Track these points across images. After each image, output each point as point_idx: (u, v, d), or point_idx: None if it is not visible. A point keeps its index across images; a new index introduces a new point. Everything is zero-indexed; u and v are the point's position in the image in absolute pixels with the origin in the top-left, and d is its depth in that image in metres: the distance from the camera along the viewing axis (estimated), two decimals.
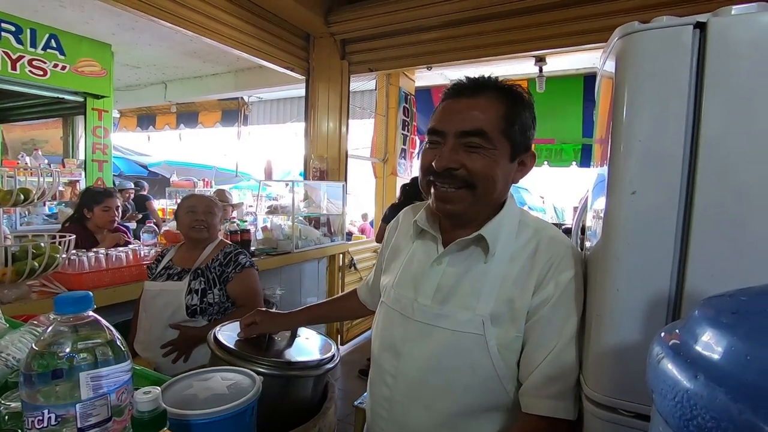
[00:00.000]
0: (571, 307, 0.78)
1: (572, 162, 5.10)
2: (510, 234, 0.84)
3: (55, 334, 0.50)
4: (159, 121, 7.13)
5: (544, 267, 0.80)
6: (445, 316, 0.82)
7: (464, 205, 0.82)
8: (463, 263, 0.85)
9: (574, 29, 3.09)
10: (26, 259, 1.68)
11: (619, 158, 0.66)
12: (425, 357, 0.83)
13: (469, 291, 0.82)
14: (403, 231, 1.02)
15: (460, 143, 0.80)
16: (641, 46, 0.65)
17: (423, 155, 0.87)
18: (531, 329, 0.79)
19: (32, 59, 4.03)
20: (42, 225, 4.35)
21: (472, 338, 0.79)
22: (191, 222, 1.80)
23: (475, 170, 0.79)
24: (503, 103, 0.82)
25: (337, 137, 3.94)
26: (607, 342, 0.67)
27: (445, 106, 0.85)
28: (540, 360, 0.77)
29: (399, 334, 0.88)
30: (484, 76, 0.86)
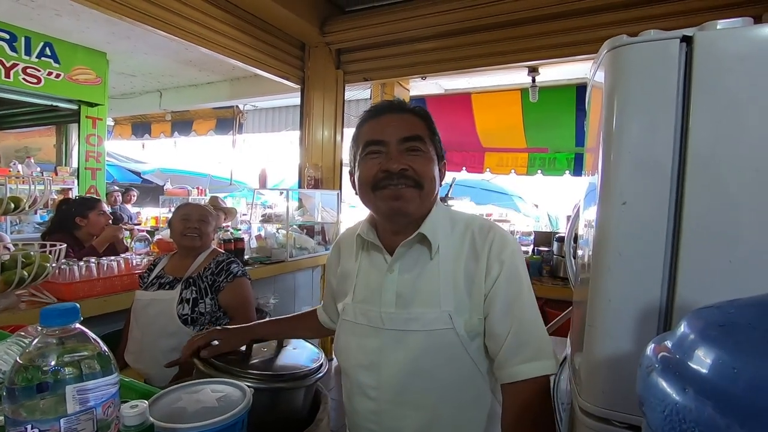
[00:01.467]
0: (519, 277, 0.85)
1: (565, 171, 5.13)
2: (445, 230, 0.91)
3: (41, 346, 0.49)
4: (154, 129, 7.11)
5: (485, 253, 0.86)
6: (415, 319, 0.86)
7: (414, 203, 0.87)
8: (414, 267, 0.90)
9: (564, 41, 3.14)
10: (15, 268, 1.66)
11: (609, 168, 0.66)
12: (404, 362, 0.86)
13: (428, 290, 0.87)
14: (346, 253, 1.06)
15: (403, 148, 0.88)
16: (630, 58, 0.66)
17: (365, 165, 0.91)
18: (489, 308, 0.84)
19: (26, 67, 4.02)
20: (33, 233, 4.30)
21: (444, 333, 0.84)
22: (184, 229, 1.79)
23: (420, 170, 0.87)
24: (422, 119, 0.93)
25: (331, 146, 3.95)
26: (599, 353, 0.66)
27: (376, 122, 0.92)
28: (506, 333, 0.81)
29: (373, 346, 0.90)
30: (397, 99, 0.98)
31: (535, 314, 0.83)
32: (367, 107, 3.85)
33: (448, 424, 0.87)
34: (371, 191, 0.90)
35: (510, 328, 0.81)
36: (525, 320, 0.82)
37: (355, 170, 0.96)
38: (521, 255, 0.89)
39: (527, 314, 0.83)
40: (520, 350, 0.79)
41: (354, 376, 0.94)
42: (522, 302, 0.83)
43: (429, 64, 3.60)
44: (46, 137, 6.17)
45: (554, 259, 3.02)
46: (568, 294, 2.70)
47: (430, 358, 0.85)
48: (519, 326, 0.81)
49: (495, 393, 0.90)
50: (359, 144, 0.93)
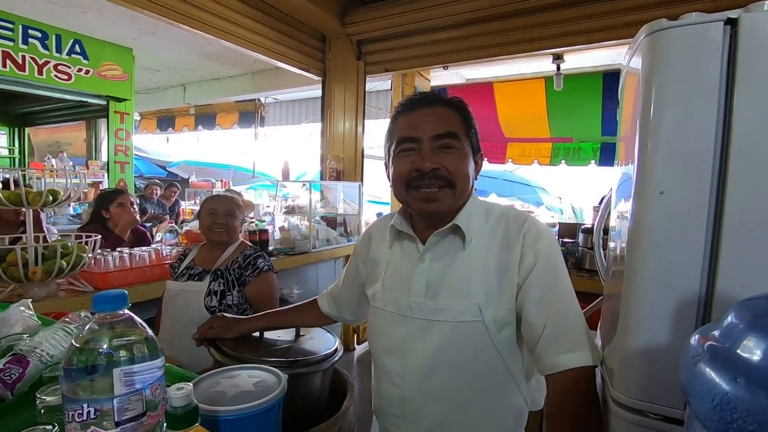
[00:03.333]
0: (555, 267, 0.84)
1: (591, 161, 5.02)
2: (479, 221, 0.91)
3: (93, 331, 0.52)
4: (178, 123, 7.26)
5: (518, 242, 0.86)
6: (443, 309, 0.86)
7: (447, 203, 0.88)
8: (445, 257, 0.90)
9: (591, 26, 3.04)
10: (55, 258, 1.74)
11: (646, 157, 0.65)
12: (429, 352, 0.87)
13: (458, 281, 0.87)
14: (377, 241, 1.07)
15: (436, 145, 0.87)
16: (669, 43, 0.64)
17: (398, 163, 0.92)
18: (525, 299, 0.83)
19: (57, 64, 4.16)
20: (67, 225, 4.47)
21: (472, 325, 0.84)
22: (211, 224, 1.82)
23: (452, 169, 0.87)
24: (457, 111, 0.91)
25: (353, 137, 3.96)
26: (634, 344, 0.66)
27: (409, 117, 0.91)
28: (543, 323, 0.80)
29: (400, 334, 0.92)
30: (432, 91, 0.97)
31: (573, 304, 0.82)
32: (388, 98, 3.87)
33: (472, 416, 0.87)
34: (405, 189, 0.91)
35: (547, 318, 0.80)
36: (563, 310, 0.81)
37: (389, 165, 0.96)
38: (557, 246, 0.88)
39: (565, 304, 0.82)
40: (558, 341, 0.78)
41: (381, 362, 0.97)
42: (559, 292, 0.82)
43: (451, 53, 3.55)
44: (76, 132, 6.37)
45: (579, 250, 2.97)
46: (595, 286, 2.64)
47: (456, 349, 0.85)
48: (557, 317, 0.80)
49: (521, 387, 0.90)
50: (393, 139, 0.93)
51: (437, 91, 0.97)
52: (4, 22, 3.78)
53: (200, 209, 1.92)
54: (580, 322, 0.81)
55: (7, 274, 1.65)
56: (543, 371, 0.81)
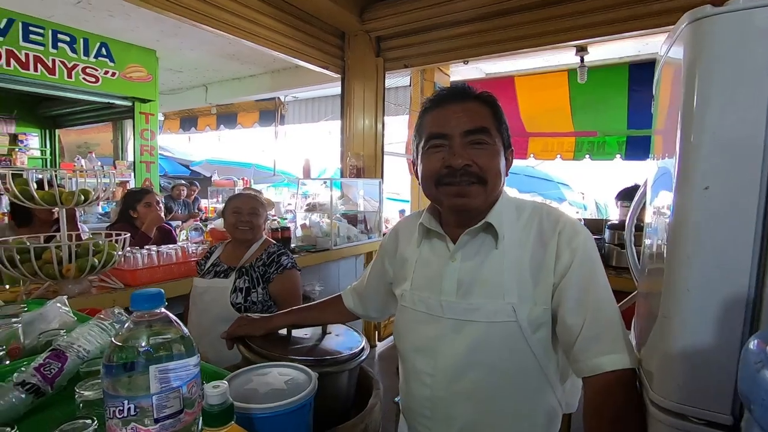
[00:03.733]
0: (593, 265, 0.82)
1: (616, 155, 4.89)
2: (511, 218, 0.89)
3: (131, 329, 0.53)
4: (200, 123, 7.40)
5: (554, 240, 0.84)
6: (475, 309, 0.84)
7: (479, 199, 0.86)
8: (477, 255, 0.88)
9: (618, 16, 2.95)
10: (87, 256, 1.79)
11: (689, 151, 0.62)
12: (461, 352, 0.85)
13: (491, 280, 0.85)
14: (405, 239, 1.05)
15: (467, 141, 0.85)
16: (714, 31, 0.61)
17: (428, 160, 0.89)
18: (561, 298, 0.81)
19: (85, 67, 4.28)
20: (96, 223, 4.62)
21: (506, 326, 0.82)
22: (236, 222, 1.85)
23: (484, 165, 0.85)
24: (488, 106, 0.89)
25: (373, 134, 3.95)
26: (675, 345, 0.63)
27: (438, 113, 0.89)
28: (580, 324, 0.78)
29: (430, 334, 0.90)
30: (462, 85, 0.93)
31: (611, 304, 0.80)
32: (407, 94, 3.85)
33: (503, 418, 0.86)
34: (434, 186, 0.89)
35: (585, 319, 0.78)
36: (601, 311, 0.78)
37: (417, 162, 0.94)
38: (593, 243, 0.85)
39: (603, 304, 0.79)
40: (597, 342, 0.76)
41: (411, 361, 0.95)
42: (597, 292, 0.80)
43: (471, 47, 3.50)
44: (103, 133, 6.55)
45: (606, 247, 2.90)
46: (622, 284, 2.58)
47: (489, 349, 0.83)
48: (595, 317, 0.77)
49: (555, 389, 0.87)
50: (422, 135, 0.91)
51: (467, 86, 0.93)
52: (36, 28, 3.91)
53: (225, 208, 1.95)
54: (618, 322, 0.78)
55: (43, 271, 1.71)
56: (580, 373, 0.79)
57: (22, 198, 1.67)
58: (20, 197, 1.67)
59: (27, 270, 1.67)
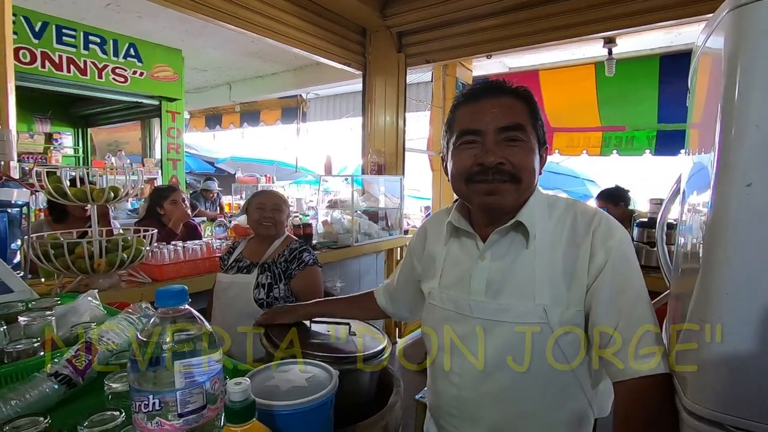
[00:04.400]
0: (629, 266, 0.79)
1: (645, 150, 4.73)
2: (543, 216, 0.86)
3: (156, 325, 0.53)
4: (224, 121, 7.53)
5: (588, 240, 0.81)
6: (505, 310, 0.83)
7: (511, 198, 0.84)
8: (506, 255, 0.86)
9: (646, 6, 2.84)
10: (117, 251, 1.84)
11: (730, 146, 0.58)
12: (490, 353, 0.84)
13: (521, 281, 0.83)
14: (433, 237, 1.04)
15: (500, 138, 0.82)
16: (758, 18, 0.57)
17: (459, 156, 0.87)
18: (595, 300, 0.78)
19: (115, 67, 4.41)
20: (126, 219, 4.76)
21: (537, 328, 0.80)
22: (260, 218, 1.88)
23: (518, 163, 0.82)
24: (524, 102, 0.86)
25: (394, 131, 3.94)
26: (713, 351, 0.60)
27: (471, 108, 0.87)
28: (614, 327, 0.76)
29: (459, 333, 0.89)
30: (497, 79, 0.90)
31: (647, 307, 0.77)
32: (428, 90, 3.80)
33: (532, 420, 0.84)
34: (465, 184, 0.87)
35: (618, 322, 0.75)
36: (636, 314, 0.75)
37: (447, 158, 0.92)
38: (630, 243, 0.82)
39: (638, 307, 0.76)
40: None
41: (439, 360, 0.94)
42: (632, 294, 0.77)
43: (494, 41, 3.44)
44: (132, 131, 6.76)
45: (635, 245, 2.81)
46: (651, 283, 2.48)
47: (518, 351, 0.82)
48: (629, 320, 0.75)
49: (586, 392, 0.85)
50: (453, 131, 0.89)
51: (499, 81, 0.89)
52: (68, 30, 4.05)
53: (248, 204, 1.98)
54: (654, 326, 0.75)
55: (76, 266, 1.77)
56: (613, 377, 0.76)
57: (56, 195, 1.74)
58: (54, 194, 1.73)
59: (60, 264, 1.73)
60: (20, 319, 1.05)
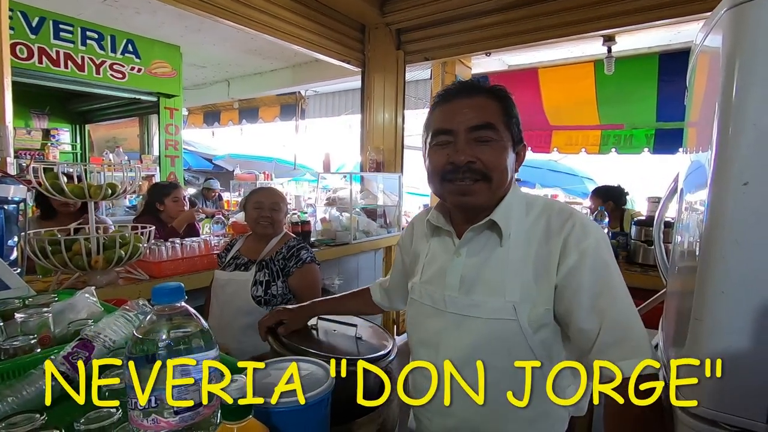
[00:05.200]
0: (606, 267, 0.79)
1: (644, 148, 4.73)
2: (519, 215, 0.88)
3: (152, 322, 0.53)
4: (223, 117, 7.51)
5: (561, 240, 0.81)
6: (476, 306, 0.85)
7: (484, 197, 0.85)
8: (481, 252, 0.88)
9: (648, 4, 2.84)
10: (114, 248, 1.84)
11: (727, 144, 0.59)
12: (461, 346, 0.86)
13: (493, 278, 0.85)
14: (418, 235, 1.07)
15: (472, 138, 0.84)
16: (756, 17, 0.57)
17: (434, 155, 0.90)
18: (571, 302, 0.79)
19: (113, 63, 4.39)
20: (124, 216, 4.76)
21: (506, 324, 0.82)
22: (257, 217, 1.87)
23: (488, 162, 0.84)
24: (497, 101, 0.87)
25: (393, 128, 3.93)
26: (707, 349, 0.60)
27: (446, 108, 0.89)
28: (596, 329, 0.76)
29: (434, 327, 0.92)
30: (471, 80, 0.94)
31: (628, 307, 0.77)
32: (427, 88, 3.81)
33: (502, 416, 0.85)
34: (439, 183, 0.90)
35: (601, 323, 0.76)
36: (618, 314, 0.76)
37: (425, 157, 0.95)
38: (607, 244, 0.82)
39: (620, 308, 0.76)
40: (615, 347, 0.74)
41: (416, 353, 0.97)
42: (612, 295, 0.77)
43: (494, 38, 3.43)
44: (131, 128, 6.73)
45: (632, 244, 2.81)
46: (649, 282, 2.50)
47: (489, 346, 0.84)
48: (612, 321, 0.75)
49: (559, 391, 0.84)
50: (429, 131, 0.92)
51: (477, 80, 0.94)
52: (65, 26, 4.03)
53: (246, 202, 1.97)
54: (637, 326, 0.76)
55: (73, 263, 1.77)
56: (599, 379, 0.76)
57: (53, 191, 1.73)
58: (51, 191, 1.73)
59: (58, 261, 1.73)
60: (17, 315, 1.04)
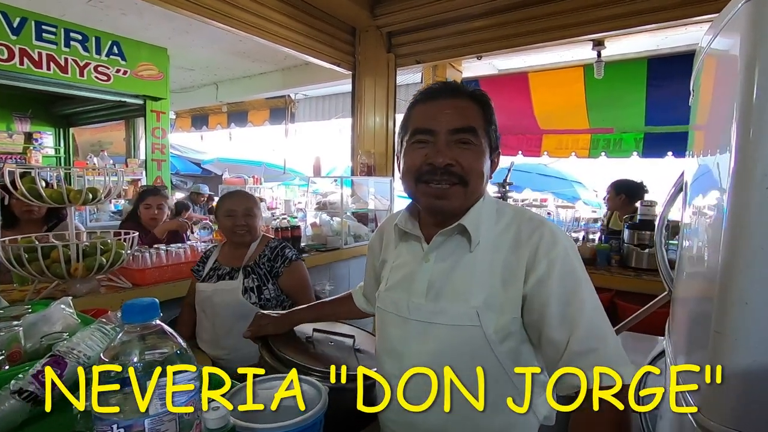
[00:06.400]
0: (575, 276, 0.78)
1: (633, 152, 4.75)
2: (489, 221, 0.86)
3: (123, 343, 0.48)
4: (211, 121, 7.40)
5: (530, 249, 0.80)
6: (441, 312, 0.83)
7: (458, 201, 0.84)
8: (450, 257, 0.86)
9: (637, 8, 2.85)
10: (95, 255, 1.76)
11: (747, 146, 0.55)
12: (426, 354, 0.83)
13: (460, 284, 0.83)
14: (387, 239, 1.04)
15: (452, 140, 0.83)
16: None
17: (411, 154, 0.87)
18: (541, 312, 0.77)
19: (97, 65, 4.28)
20: (108, 221, 4.63)
21: (470, 330, 0.80)
22: (232, 226, 1.77)
23: (467, 166, 0.82)
24: (479, 105, 0.86)
25: (384, 132, 3.90)
26: (730, 363, 0.56)
27: (427, 107, 0.87)
28: (565, 340, 0.74)
29: (397, 335, 0.89)
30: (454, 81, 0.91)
31: (598, 317, 0.75)
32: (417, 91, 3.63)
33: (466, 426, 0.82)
34: (414, 183, 0.87)
35: (570, 333, 0.73)
36: (588, 324, 0.74)
37: (400, 155, 0.92)
38: (575, 252, 0.81)
39: (590, 318, 0.74)
40: (584, 357, 0.71)
41: (381, 363, 0.94)
42: (582, 304, 0.75)
43: (485, 42, 3.42)
44: (116, 131, 6.59)
45: (625, 247, 2.80)
46: (642, 286, 2.49)
47: (453, 355, 0.81)
48: (583, 331, 0.73)
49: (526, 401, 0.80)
50: (407, 129, 0.89)
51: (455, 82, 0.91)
52: (48, 27, 3.92)
53: (217, 209, 1.87)
54: (608, 335, 0.74)
55: (51, 271, 1.68)
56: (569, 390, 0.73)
57: (30, 197, 1.65)
58: (28, 196, 1.65)
59: (34, 269, 1.65)
60: None
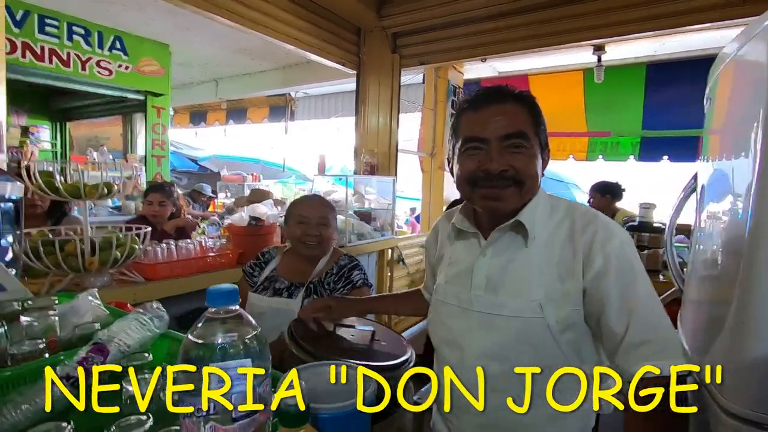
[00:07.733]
0: (632, 269, 0.80)
1: (629, 156, 4.85)
2: (544, 216, 0.89)
3: (207, 326, 0.51)
4: (210, 117, 7.38)
5: (585, 243, 0.83)
6: (502, 305, 0.86)
7: (514, 202, 0.87)
8: (506, 252, 0.89)
9: (638, 15, 2.92)
10: (110, 249, 1.78)
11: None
12: (488, 345, 0.87)
13: (517, 279, 0.86)
14: (443, 236, 1.08)
15: (504, 146, 0.85)
16: None
17: (464, 162, 0.90)
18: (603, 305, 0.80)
19: (100, 60, 4.26)
20: (107, 217, 4.60)
21: (534, 321, 0.83)
22: (302, 235, 1.58)
23: (521, 169, 0.85)
24: (526, 107, 0.89)
25: (387, 132, 3.93)
26: (753, 351, 0.61)
27: (476, 115, 0.89)
28: (623, 332, 0.77)
29: (459, 327, 0.92)
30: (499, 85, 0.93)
31: (657, 308, 0.78)
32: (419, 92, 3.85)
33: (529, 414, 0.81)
34: (470, 187, 0.90)
35: (628, 324, 0.77)
36: (645, 315, 0.77)
37: (453, 161, 0.96)
38: (631, 245, 0.84)
39: (647, 308, 0.77)
40: (642, 348, 0.75)
41: (441, 353, 0.98)
42: (639, 296, 0.78)
43: (489, 45, 3.47)
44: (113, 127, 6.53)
45: None
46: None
47: (515, 344, 0.84)
48: (639, 322, 0.76)
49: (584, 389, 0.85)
50: (459, 136, 0.92)
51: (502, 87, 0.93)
52: (51, 20, 3.90)
53: (288, 215, 1.68)
54: (665, 326, 0.77)
55: (67, 264, 1.70)
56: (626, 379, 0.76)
57: (47, 190, 1.67)
58: (45, 189, 1.66)
59: (51, 262, 1.66)
60: (23, 318, 1.00)
